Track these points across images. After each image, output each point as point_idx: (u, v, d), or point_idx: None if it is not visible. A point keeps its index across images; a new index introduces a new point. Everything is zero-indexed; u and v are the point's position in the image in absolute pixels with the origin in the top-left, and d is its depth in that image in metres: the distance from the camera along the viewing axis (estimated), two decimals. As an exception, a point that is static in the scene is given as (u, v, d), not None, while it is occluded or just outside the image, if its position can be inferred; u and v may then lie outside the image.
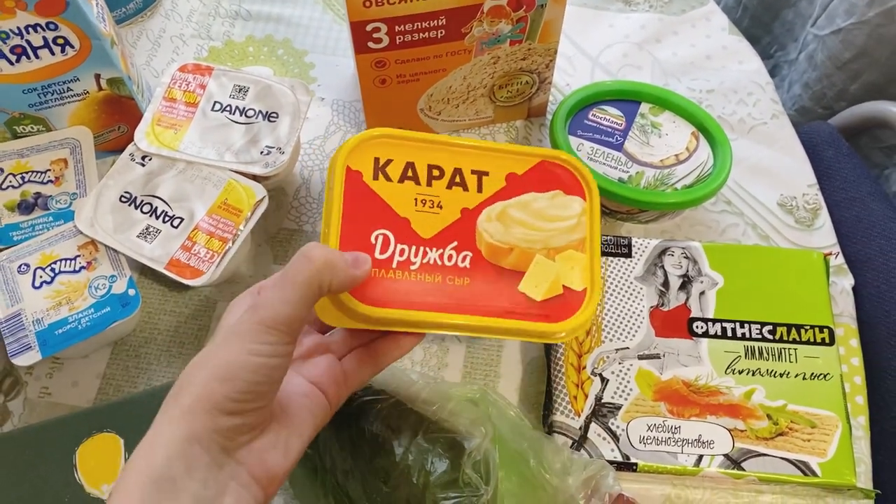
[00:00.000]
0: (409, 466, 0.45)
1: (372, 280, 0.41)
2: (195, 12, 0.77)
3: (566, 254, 0.44)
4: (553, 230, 0.44)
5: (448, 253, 0.42)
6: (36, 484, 0.47)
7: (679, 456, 0.51)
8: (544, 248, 0.43)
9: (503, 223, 0.43)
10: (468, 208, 0.43)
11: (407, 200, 0.43)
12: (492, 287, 0.42)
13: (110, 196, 0.58)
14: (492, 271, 0.42)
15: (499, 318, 0.41)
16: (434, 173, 0.44)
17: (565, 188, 0.46)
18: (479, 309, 0.41)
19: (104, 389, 0.58)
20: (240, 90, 0.63)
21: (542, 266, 0.43)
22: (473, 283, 0.42)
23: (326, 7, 0.77)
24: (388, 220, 0.42)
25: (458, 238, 0.43)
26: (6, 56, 0.56)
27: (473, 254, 0.42)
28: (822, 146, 0.71)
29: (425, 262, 0.41)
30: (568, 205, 0.45)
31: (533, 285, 0.43)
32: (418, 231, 0.42)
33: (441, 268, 0.42)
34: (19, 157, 0.62)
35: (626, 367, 0.54)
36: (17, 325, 0.54)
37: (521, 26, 0.59)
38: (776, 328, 0.55)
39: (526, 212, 0.44)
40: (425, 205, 0.43)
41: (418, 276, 0.41)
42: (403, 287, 0.41)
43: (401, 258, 0.41)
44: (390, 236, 0.42)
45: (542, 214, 0.45)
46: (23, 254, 0.57)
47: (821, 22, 0.85)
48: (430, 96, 0.64)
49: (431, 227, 0.42)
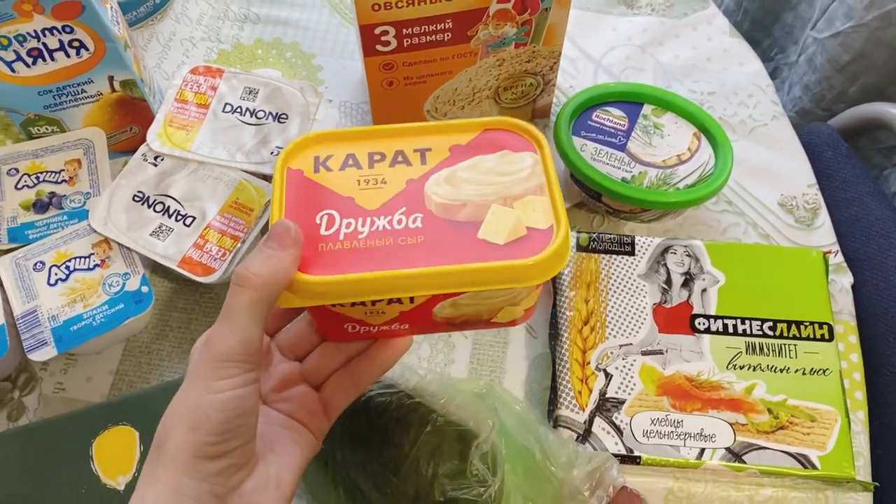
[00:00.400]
0: (418, 458, 0.46)
1: (319, 255, 0.38)
2: (205, 16, 0.78)
3: (525, 200, 0.40)
4: (506, 182, 0.41)
5: (397, 218, 0.40)
6: (53, 475, 0.48)
7: (682, 449, 0.52)
8: (500, 199, 0.40)
9: (452, 185, 0.41)
10: (413, 178, 0.41)
11: (349, 183, 0.41)
12: (449, 240, 0.39)
13: (123, 195, 0.60)
14: (446, 226, 0.39)
15: (461, 265, 0.37)
16: (375, 157, 0.42)
17: (514, 147, 0.43)
18: (438, 260, 0.38)
19: (117, 385, 0.59)
20: (250, 92, 0.64)
21: (499, 213, 0.40)
22: (428, 239, 0.39)
23: (334, 11, 0.79)
24: (331, 201, 0.40)
25: (406, 204, 0.40)
26: (23, 58, 0.57)
27: (424, 214, 0.40)
28: (821, 147, 0.72)
29: (374, 230, 0.39)
30: (518, 160, 0.42)
31: (493, 231, 0.39)
32: (363, 205, 0.40)
33: (391, 232, 0.39)
34: (34, 157, 0.63)
35: (630, 363, 0.55)
36: (34, 321, 0.55)
37: (525, 29, 0.60)
38: (776, 325, 0.56)
39: (475, 171, 0.42)
40: (368, 183, 0.41)
41: (368, 242, 0.39)
42: (353, 255, 0.38)
43: (347, 230, 0.39)
44: (335, 214, 0.40)
45: (493, 171, 0.42)
46: (38, 252, 0.58)
47: (820, 25, 0.86)
48: (436, 98, 0.65)
49: (376, 199, 0.40)
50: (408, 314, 0.41)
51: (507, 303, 0.42)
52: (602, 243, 0.60)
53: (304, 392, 0.41)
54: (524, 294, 0.41)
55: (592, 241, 0.60)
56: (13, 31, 0.55)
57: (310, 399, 0.41)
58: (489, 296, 0.41)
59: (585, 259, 0.59)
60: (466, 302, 0.41)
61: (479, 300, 0.41)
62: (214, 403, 0.33)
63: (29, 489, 0.48)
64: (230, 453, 0.34)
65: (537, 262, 0.37)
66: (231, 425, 0.34)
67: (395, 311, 0.40)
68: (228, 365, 0.34)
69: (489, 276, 0.38)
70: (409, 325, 0.42)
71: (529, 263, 0.37)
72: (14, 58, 0.57)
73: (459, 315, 0.43)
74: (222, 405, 0.33)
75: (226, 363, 0.34)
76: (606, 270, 0.58)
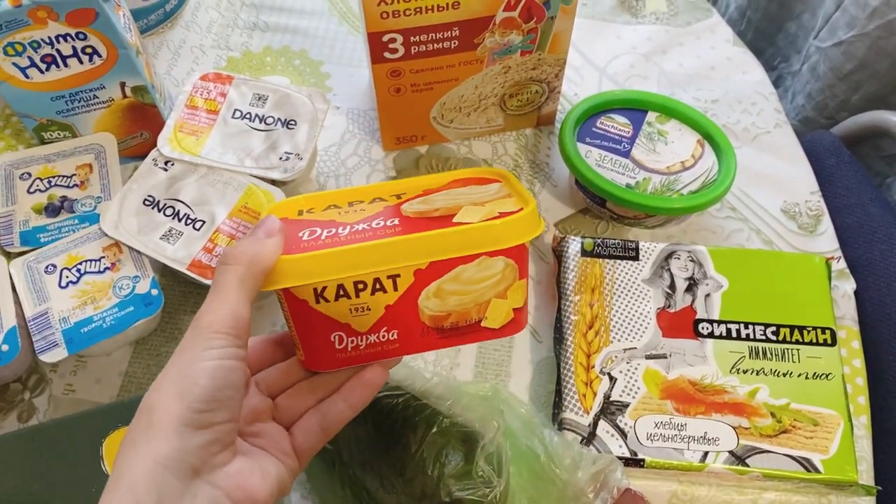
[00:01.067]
0: (424, 459, 0.47)
1: (301, 245, 0.39)
2: (214, 24, 0.79)
3: (495, 202, 0.41)
4: (473, 194, 0.43)
5: (375, 223, 0.41)
6: (64, 474, 0.49)
7: (685, 452, 0.52)
8: (471, 204, 0.41)
9: (426, 203, 0.42)
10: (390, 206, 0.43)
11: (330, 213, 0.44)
12: (425, 225, 0.39)
13: (134, 199, 0.60)
14: (422, 222, 0.40)
15: (436, 230, 0.38)
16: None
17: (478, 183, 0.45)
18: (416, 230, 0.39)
19: (126, 387, 0.59)
20: (259, 98, 0.65)
21: (471, 208, 0.41)
22: (404, 228, 0.39)
23: (342, 19, 0.80)
24: (313, 222, 0.42)
25: (383, 215, 0.42)
26: (36, 64, 0.58)
27: (399, 218, 0.41)
28: (824, 154, 0.73)
29: (353, 231, 0.40)
30: (485, 189, 0.44)
31: (467, 217, 0.40)
32: (343, 220, 0.42)
33: (370, 230, 0.40)
34: (46, 162, 0.64)
35: (634, 367, 0.55)
36: (45, 323, 0.56)
37: (531, 37, 0.61)
38: (779, 329, 0.57)
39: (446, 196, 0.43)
40: (347, 208, 0.44)
41: (348, 237, 0.39)
42: (333, 242, 0.39)
43: (328, 233, 0.40)
44: (317, 229, 0.41)
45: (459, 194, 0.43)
46: (50, 255, 0.59)
47: (823, 34, 0.87)
48: (442, 105, 0.66)
49: (354, 217, 0.42)
50: (393, 310, 0.40)
51: (493, 291, 0.41)
52: (606, 248, 0.60)
53: (276, 429, 0.41)
54: (508, 279, 0.41)
55: (597, 247, 0.60)
56: (28, 37, 0.56)
57: (281, 436, 0.40)
58: (472, 278, 0.40)
59: (590, 264, 0.60)
60: (451, 288, 0.40)
61: (463, 284, 0.40)
62: (203, 370, 0.34)
63: (39, 488, 0.49)
64: (216, 426, 0.34)
65: (507, 222, 0.38)
66: (219, 394, 0.34)
67: (381, 307, 0.40)
68: (217, 336, 0.35)
69: (465, 240, 0.38)
70: (399, 334, 0.41)
71: (498, 224, 0.38)
72: (28, 64, 0.58)
73: (446, 311, 0.41)
74: (211, 372, 0.34)
75: (215, 334, 0.34)
76: (610, 275, 0.59)
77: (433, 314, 0.41)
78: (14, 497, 0.48)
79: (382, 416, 0.49)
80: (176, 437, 0.32)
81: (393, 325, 0.41)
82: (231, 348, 0.35)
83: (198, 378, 0.33)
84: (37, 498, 0.48)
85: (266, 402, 0.41)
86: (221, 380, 0.34)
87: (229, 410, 0.35)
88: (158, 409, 0.33)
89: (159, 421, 0.33)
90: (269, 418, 0.41)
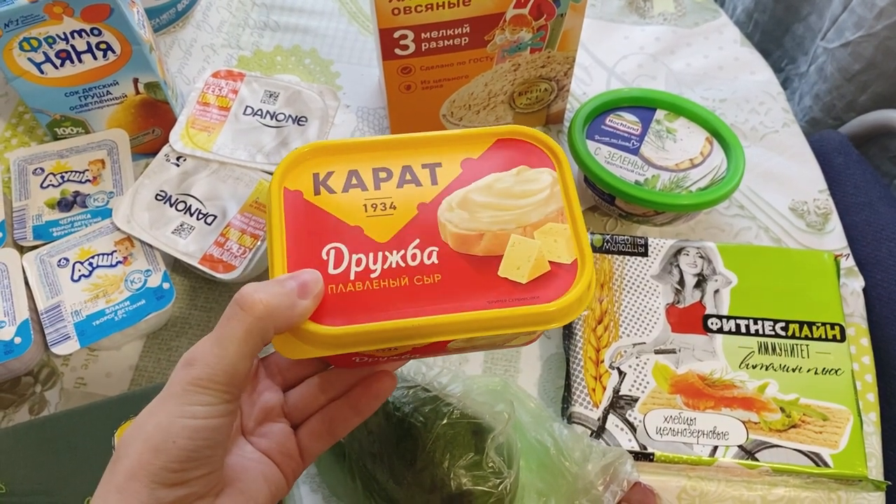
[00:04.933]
0: (434, 450, 0.47)
1: (330, 298, 0.36)
2: (225, 23, 0.80)
3: (545, 228, 0.38)
4: (525, 206, 0.39)
5: (411, 252, 0.37)
6: (77, 464, 0.49)
7: (695, 446, 0.52)
8: (519, 227, 0.38)
9: (467, 210, 0.38)
10: (425, 202, 0.39)
11: (356, 208, 0.38)
12: (468, 278, 0.37)
13: (146, 194, 0.61)
14: (464, 262, 0.37)
15: (482, 311, 0.36)
16: (381, 175, 0.39)
17: (530, 162, 0.40)
18: (458, 306, 0.36)
19: (136, 380, 0.60)
20: (270, 95, 0.66)
21: (520, 245, 0.38)
22: (446, 278, 0.37)
23: (352, 19, 0.80)
24: (338, 232, 0.37)
25: (419, 235, 0.38)
26: (51, 60, 0.59)
27: (440, 248, 0.37)
28: (832, 154, 0.73)
29: (387, 268, 0.37)
30: (536, 178, 0.40)
31: (514, 267, 0.37)
32: (373, 236, 0.37)
33: (406, 269, 0.37)
34: (59, 157, 0.64)
35: (643, 362, 0.55)
36: (57, 316, 0.56)
37: (541, 35, 0.61)
38: (788, 325, 0.57)
39: (490, 194, 0.39)
40: (376, 209, 0.38)
41: (381, 282, 0.36)
42: (367, 298, 0.36)
43: (358, 268, 0.36)
44: (343, 248, 0.37)
45: (509, 192, 0.39)
46: (62, 249, 0.59)
47: (830, 35, 0.87)
48: (452, 102, 0.66)
49: (387, 229, 0.38)
50: (421, 350, 0.39)
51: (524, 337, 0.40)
52: (616, 244, 0.60)
53: (283, 431, 0.39)
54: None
55: (606, 243, 0.61)
56: (43, 32, 0.57)
57: (287, 438, 0.39)
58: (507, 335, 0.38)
59: (599, 260, 0.60)
60: (482, 337, 0.38)
61: (495, 337, 0.38)
62: (184, 429, 0.31)
63: (52, 478, 0.49)
64: (192, 482, 0.32)
65: (561, 306, 0.36)
66: (198, 454, 0.31)
67: (409, 348, 0.38)
68: (208, 392, 0.32)
69: (511, 322, 0.36)
70: (420, 354, 0.41)
71: (552, 309, 0.36)
72: (43, 59, 0.58)
73: (472, 346, 0.41)
74: (192, 432, 0.31)
75: (207, 389, 0.32)
76: (620, 271, 0.59)
77: (459, 348, 0.41)
78: (26, 486, 0.49)
79: (393, 408, 0.49)
80: (147, 494, 0.30)
81: (416, 353, 0.40)
82: (221, 405, 0.32)
83: (177, 436, 0.31)
84: (49, 487, 0.49)
85: (277, 398, 0.41)
86: (204, 441, 0.31)
87: (209, 465, 0.32)
88: (132, 461, 0.31)
89: (131, 474, 0.30)
90: (279, 415, 0.40)
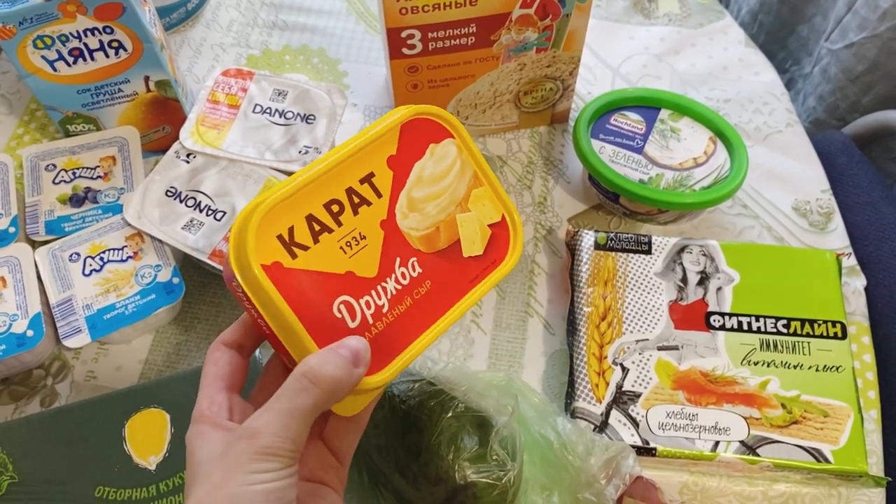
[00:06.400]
0: (440, 443, 0.48)
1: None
2: (234, 22, 0.81)
3: (473, 196, 0.43)
4: (450, 183, 0.43)
5: (399, 273, 0.40)
6: (88, 454, 0.50)
7: (696, 442, 0.53)
8: (456, 206, 0.42)
9: (417, 210, 0.41)
10: (384, 219, 0.40)
11: (335, 255, 0.38)
12: (448, 272, 0.42)
13: (157, 190, 0.62)
14: (439, 259, 0.41)
15: (468, 294, 0.42)
16: (334, 209, 0.39)
17: (434, 138, 0.43)
18: (451, 299, 0.41)
19: (146, 374, 0.61)
20: (279, 94, 0.67)
21: (466, 223, 0.43)
22: (434, 281, 0.41)
23: (360, 19, 0.81)
24: (335, 285, 0.38)
25: (397, 254, 0.40)
26: (64, 58, 0.60)
27: (417, 256, 0.41)
28: (835, 154, 0.74)
29: (391, 298, 0.40)
30: (445, 152, 0.43)
31: (471, 243, 0.42)
32: (365, 274, 0.39)
33: (404, 290, 0.40)
34: (71, 154, 0.65)
35: (646, 358, 0.56)
36: (69, 309, 0.57)
37: (546, 34, 0.62)
38: (790, 322, 0.57)
39: (423, 185, 0.42)
40: (351, 246, 0.39)
41: (393, 313, 0.39)
42: (389, 333, 0.39)
43: (370, 311, 0.39)
44: (349, 299, 0.38)
45: (435, 176, 0.42)
46: (74, 244, 0.60)
47: (834, 36, 0.88)
48: (458, 101, 0.67)
49: (371, 261, 0.39)
50: None
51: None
52: (619, 242, 0.61)
53: (314, 447, 0.40)
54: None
55: (610, 240, 0.61)
56: (56, 30, 0.58)
57: (321, 453, 0.40)
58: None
59: (603, 257, 0.60)
60: None
61: None
62: (257, 495, 0.31)
63: (63, 468, 0.50)
64: None
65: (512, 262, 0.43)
66: None
67: None
68: (276, 458, 0.33)
69: (486, 289, 0.43)
70: None
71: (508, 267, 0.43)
72: (56, 57, 0.59)
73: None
74: (265, 497, 0.32)
75: (274, 456, 0.32)
76: (623, 268, 0.60)
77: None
78: (38, 476, 0.50)
79: (398, 402, 0.50)
80: None
81: None
82: (288, 468, 0.33)
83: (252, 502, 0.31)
84: (60, 477, 0.50)
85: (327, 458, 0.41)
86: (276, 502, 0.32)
87: None
88: None
89: None
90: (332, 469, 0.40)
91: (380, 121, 0.41)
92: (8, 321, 0.56)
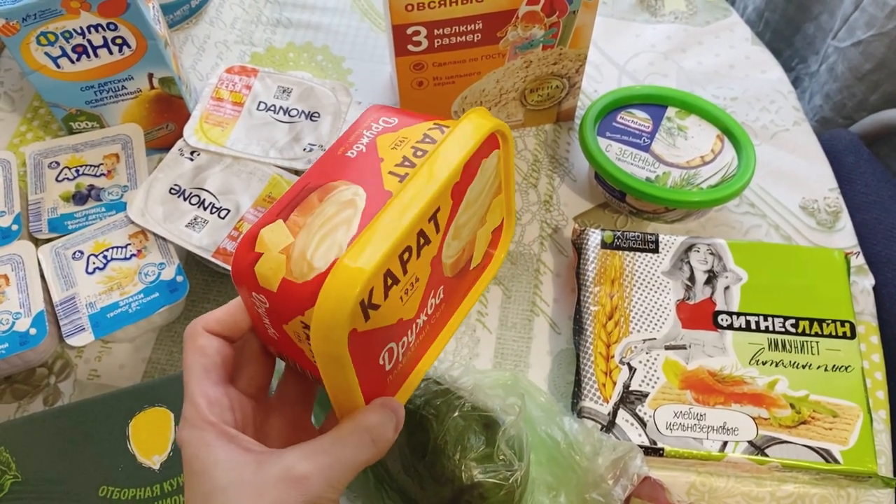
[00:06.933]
0: (446, 442, 0.47)
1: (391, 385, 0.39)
2: (238, 20, 0.80)
3: (491, 207, 0.42)
4: (483, 200, 0.40)
5: (430, 305, 0.39)
6: (92, 453, 0.50)
7: (704, 442, 0.53)
8: (479, 222, 0.41)
9: (456, 238, 0.39)
10: (434, 255, 0.37)
11: (395, 307, 0.35)
12: (455, 286, 0.42)
13: (160, 188, 0.61)
14: (454, 278, 0.41)
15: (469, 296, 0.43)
16: (405, 257, 0.34)
17: (485, 152, 0.39)
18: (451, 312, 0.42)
19: (149, 373, 0.60)
20: (283, 91, 0.66)
21: (481, 237, 0.42)
22: (446, 298, 0.41)
23: (364, 16, 0.81)
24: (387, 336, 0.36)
25: (433, 287, 0.38)
26: (68, 55, 0.59)
27: (444, 284, 0.40)
28: (842, 152, 0.73)
29: (418, 331, 0.39)
30: (490, 166, 0.40)
31: (479, 256, 0.43)
32: (408, 316, 0.37)
33: (429, 319, 0.40)
34: (74, 151, 0.65)
35: (654, 357, 0.56)
36: (72, 308, 0.57)
37: (553, 31, 0.61)
38: (798, 322, 0.57)
39: (467, 208, 0.39)
40: (408, 293, 0.36)
41: (417, 342, 0.40)
42: (409, 360, 0.40)
43: (402, 349, 0.38)
44: (393, 346, 0.37)
45: (476, 196, 0.39)
46: (77, 241, 0.60)
47: (841, 34, 0.87)
48: (464, 98, 0.67)
49: (415, 302, 0.37)
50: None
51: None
52: (626, 241, 0.61)
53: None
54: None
55: (617, 239, 0.61)
56: (60, 27, 0.57)
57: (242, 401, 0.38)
58: None
59: (610, 256, 0.60)
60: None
61: None
62: None
63: (66, 467, 0.50)
64: None
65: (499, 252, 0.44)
66: None
67: None
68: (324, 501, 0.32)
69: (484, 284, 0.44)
70: None
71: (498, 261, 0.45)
72: (60, 53, 0.59)
73: None
74: None
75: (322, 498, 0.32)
76: (630, 267, 0.60)
77: None
78: (41, 475, 0.49)
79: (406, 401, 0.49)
80: None
81: None
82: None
83: None
84: (63, 476, 0.49)
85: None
86: None
87: None
88: None
89: None
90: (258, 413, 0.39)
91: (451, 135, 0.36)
92: (11, 319, 0.56)
